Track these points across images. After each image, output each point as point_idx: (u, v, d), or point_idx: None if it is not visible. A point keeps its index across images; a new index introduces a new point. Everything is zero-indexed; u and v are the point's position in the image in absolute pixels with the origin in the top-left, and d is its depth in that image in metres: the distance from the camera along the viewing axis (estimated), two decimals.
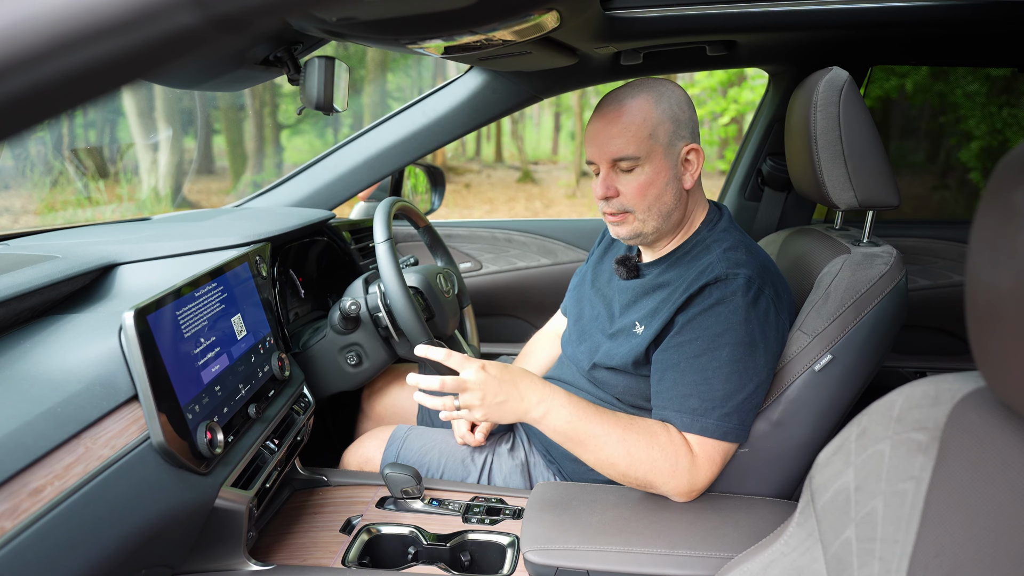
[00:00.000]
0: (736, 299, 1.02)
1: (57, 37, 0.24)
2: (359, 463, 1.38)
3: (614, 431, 1.02)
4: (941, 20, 1.36)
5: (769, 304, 1.05)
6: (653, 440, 1.02)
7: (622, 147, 1.08)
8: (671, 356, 1.06)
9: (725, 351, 1.02)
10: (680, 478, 1.02)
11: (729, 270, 1.04)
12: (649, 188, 1.09)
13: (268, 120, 11.26)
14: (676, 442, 1.02)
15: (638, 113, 1.07)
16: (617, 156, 1.08)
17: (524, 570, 1.00)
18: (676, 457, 1.02)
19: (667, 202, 1.11)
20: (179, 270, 1.07)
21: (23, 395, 0.75)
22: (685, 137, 1.11)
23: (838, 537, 0.60)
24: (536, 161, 13.73)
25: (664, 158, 1.09)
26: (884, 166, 1.14)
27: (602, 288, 1.30)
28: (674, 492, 1.04)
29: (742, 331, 1.02)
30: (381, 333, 1.39)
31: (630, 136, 1.07)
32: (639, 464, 1.01)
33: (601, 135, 1.09)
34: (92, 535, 0.71)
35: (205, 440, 0.90)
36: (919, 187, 4.88)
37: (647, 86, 1.10)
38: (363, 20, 0.95)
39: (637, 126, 1.07)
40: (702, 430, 1.02)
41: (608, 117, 1.09)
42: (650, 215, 1.11)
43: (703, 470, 1.03)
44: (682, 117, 1.10)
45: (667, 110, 1.09)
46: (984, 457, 0.50)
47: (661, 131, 1.08)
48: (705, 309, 1.04)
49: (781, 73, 1.93)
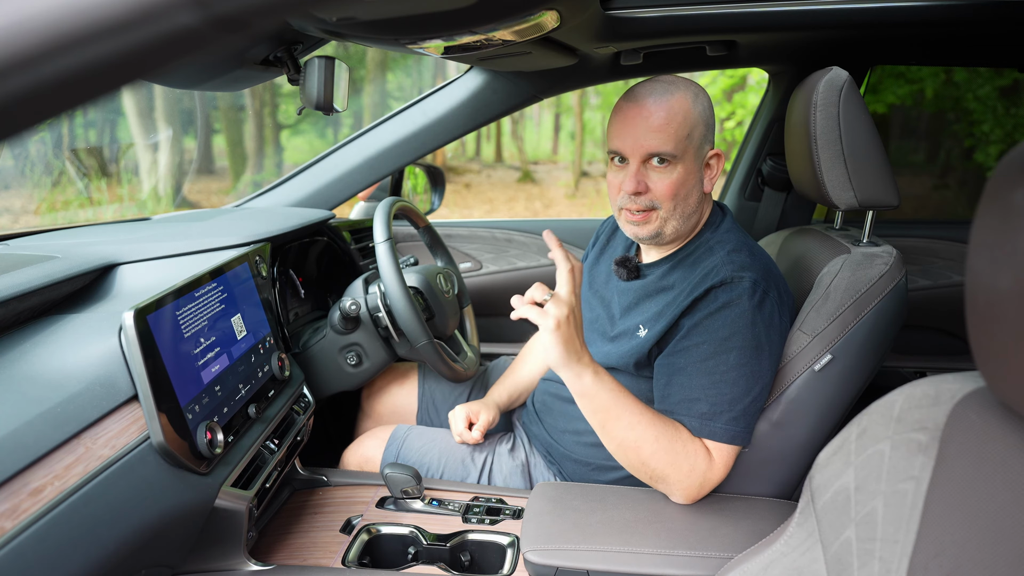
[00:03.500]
0: (742, 303, 1.02)
1: (57, 37, 0.24)
2: (359, 463, 1.38)
3: (647, 415, 1.01)
4: (942, 20, 1.35)
5: (774, 307, 1.05)
6: (678, 435, 1.02)
7: (662, 143, 1.05)
8: (678, 360, 1.06)
9: (732, 355, 1.01)
10: (695, 478, 1.02)
11: (735, 273, 1.04)
12: (680, 188, 1.08)
13: (268, 120, 11.26)
14: (696, 443, 1.03)
15: (679, 111, 1.06)
16: (655, 151, 1.06)
17: (524, 570, 1.00)
18: (696, 457, 1.02)
19: (691, 204, 1.11)
20: (179, 270, 1.07)
21: (23, 395, 0.75)
22: (711, 141, 1.11)
23: (838, 537, 0.60)
24: (536, 161, 13.72)
25: (694, 160, 1.08)
26: (884, 166, 1.14)
27: (600, 290, 1.29)
28: (684, 491, 1.04)
29: (748, 335, 1.02)
30: (381, 333, 1.39)
31: (671, 132, 1.05)
32: (663, 454, 1.01)
33: (640, 127, 1.06)
34: (92, 535, 0.71)
35: (205, 440, 0.90)
36: (919, 187, 4.87)
37: (683, 84, 1.08)
38: (363, 20, 0.95)
39: (679, 124, 1.05)
40: (711, 434, 1.02)
41: (649, 109, 1.06)
42: (674, 215, 1.10)
43: (716, 474, 1.04)
44: (711, 121, 1.10)
45: (702, 112, 1.08)
46: (984, 457, 0.50)
47: (696, 132, 1.07)
48: (711, 313, 1.03)
49: (781, 73, 1.93)
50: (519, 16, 1.02)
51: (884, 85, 4.22)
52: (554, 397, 1.30)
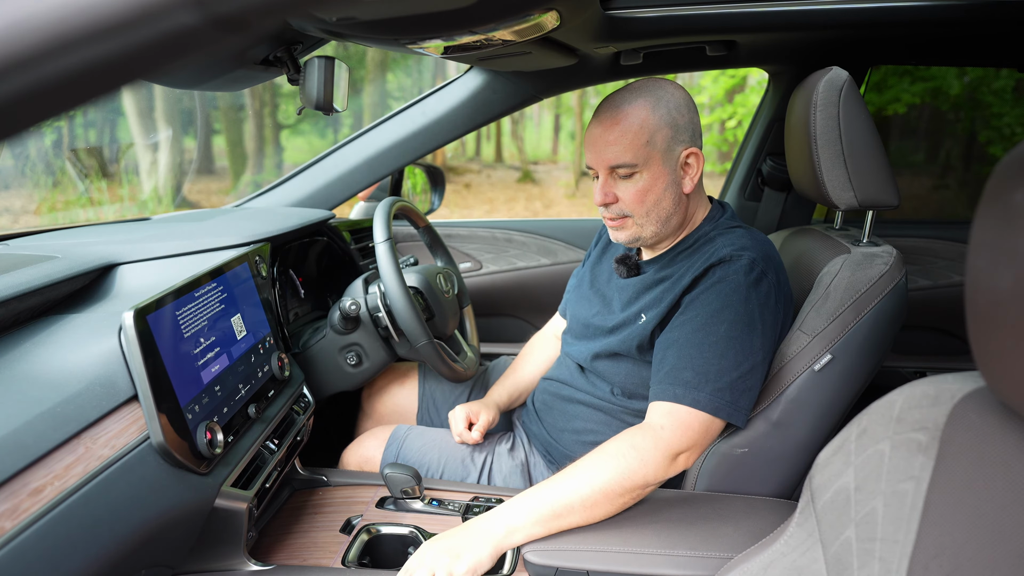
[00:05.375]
0: (738, 278, 1.03)
1: (58, 37, 0.24)
2: (359, 463, 1.38)
3: (566, 476, 1.00)
4: (941, 20, 1.36)
5: (771, 288, 1.05)
6: (602, 454, 1.01)
7: (619, 155, 1.08)
8: (673, 334, 1.06)
9: (723, 327, 1.02)
10: (651, 458, 1.00)
11: (734, 252, 1.05)
12: (647, 194, 1.10)
13: (268, 120, 11.26)
14: (625, 436, 1.02)
15: (635, 120, 1.07)
16: (614, 163, 1.09)
17: (524, 570, 1.00)
18: (631, 447, 1.00)
19: (666, 207, 1.12)
20: (179, 270, 1.07)
21: (23, 395, 0.75)
22: (684, 141, 1.10)
23: (838, 537, 0.60)
24: (536, 161, 13.73)
25: (662, 164, 1.09)
26: (884, 166, 1.14)
27: (601, 287, 1.30)
28: (662, 473, 1.01)
29: (741, 309, 1.02)
30: (381, 333, 1.39)
31: (627, 144, 1.07)
32: (612, 478, 0.98)
33: (599, 142, 1.10)
34: (92, 535, 0.71)
35: (205, 440, 0.90)
36: (919, 187, 4.87)
37: (645, 90, 1.09)
38: (363, 20, 0.95)
39: (634, 133, 1.07)
40: (694, 403, 1.01)
41: (605, 124, 1.09)
42: (648, 220, 1.12)
43: (673, 437, 1.00)
44: (681, 121, 1.09)
45: (665, 116, 1.08)
46: (984, 457, 0.50)
47: (659, 137, 1.08)
48: (708, 287, 1.05)
49: (781, 73, 1.93)
50: (519, 16, 1.02)
51: (890, 82, 4.21)
52: (554, 396, 1.30)
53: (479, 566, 0.94)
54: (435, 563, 0.93)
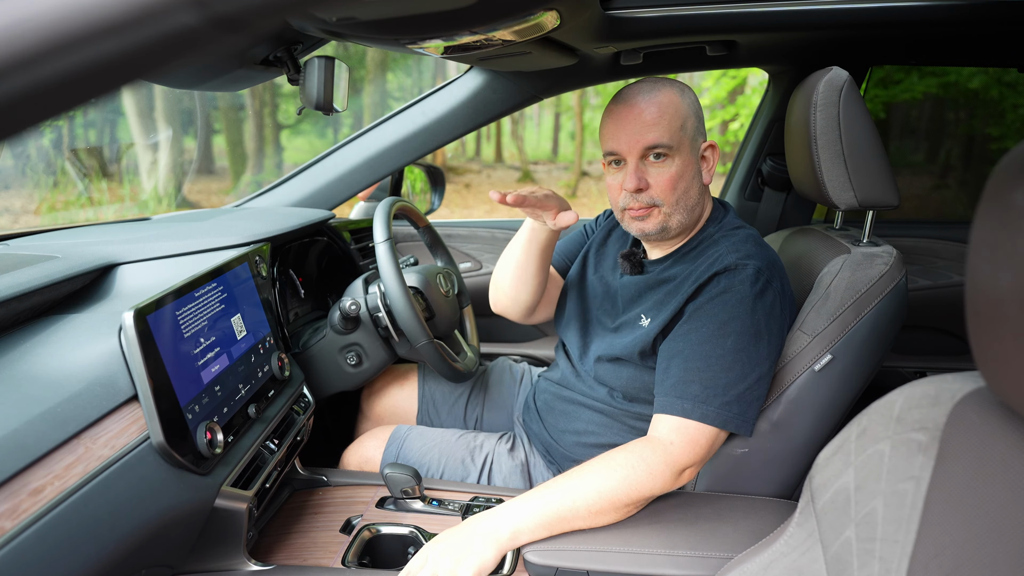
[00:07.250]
0: (744, 288, 1.03)
1: (58, 37, 0.24)
2: (359, 463, 1.38)
3: (573, 481, 1.00)
4: (941, 20, 1.36)
5: (776, 297, 1.05)
6: (610, 462, 1.01)
7: (658, 136, 1.08)
8: (677, 344, 1.06)
9: (730, 339, 1.02)
10: (659, 472, 1.00)
11: (739, 260, 1.05)
12: (679, 181, 1.10)
13: (268, 120, 11.26)
14: (635, 447, 1.02)
15: (670, 104, 1.09)
16: (652, 144, 1.08)
17: (524, 570, 1.00)
18: (640, 459, 1.00)
19: (692, 196, 1.13)
20: (179, 270, 1.07)
21: (23, 395, 0.75)
22: (703, 133, 1.14)
23: (838, 537, 0.60)
24: (536, 161, 13.73)
25: (690, 152, 1.11)
26: (884, 166, 1.14)
27: (605, 276, 1.30)
28: (668, 487, 1.02)
29: (748, 320, 1.02)
30: (381, 333, 1.39)
31: (665, 125, 1.08)
32: (620, 487, 0.99)
33: (635, 123, 1.09)
34: (92, 535, 0.71)
35: (205, 440, 0.90)
36: (919, 187, 4.87)
37: (667, 82, 1.12)
38: (363, 20, 0.95)
39: (671, 116, 1.08)
40: (703, 417, 1.01)
41: (641, 107, 1.09)
42: (677, 209, 1.12)
43: (682, 453, 1.01)
44: (700, 115, 1.14)
45: (691, 105, 1.11)
46: (984, 457, 0.50)
47: (689, 124, 1.10)
48: (713, 297, 1.04)
49: (781, 73, 1.93)
50: (519, 16, 1.02)
51: (896, 77, 4.20)
52: (556, 397, 1.30)
53: (483, 569, 0.94)
54: (438, 564, 0.92)
